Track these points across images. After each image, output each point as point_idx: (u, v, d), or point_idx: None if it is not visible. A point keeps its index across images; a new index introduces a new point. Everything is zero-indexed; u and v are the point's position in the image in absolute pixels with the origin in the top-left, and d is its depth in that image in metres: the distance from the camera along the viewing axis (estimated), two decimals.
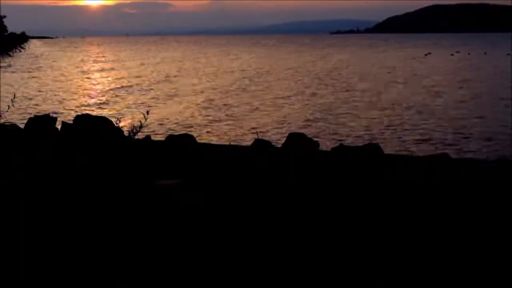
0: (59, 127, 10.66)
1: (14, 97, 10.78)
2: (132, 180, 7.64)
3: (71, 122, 10.57)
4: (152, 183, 7.55)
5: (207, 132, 21.86)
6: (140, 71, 57.41)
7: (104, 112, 26.74)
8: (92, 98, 34.80)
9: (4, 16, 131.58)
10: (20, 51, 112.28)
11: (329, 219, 6.28)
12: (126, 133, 9.94)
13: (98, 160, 8.23)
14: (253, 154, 9.21)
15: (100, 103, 32.00)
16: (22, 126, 10.74)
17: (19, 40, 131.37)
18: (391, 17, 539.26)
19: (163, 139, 10.92)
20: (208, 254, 5.39)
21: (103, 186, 7.31)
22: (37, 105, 30.61)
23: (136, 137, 9.69)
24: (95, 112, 26.08)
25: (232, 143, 11.86)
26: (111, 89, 39.47)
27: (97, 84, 44.40)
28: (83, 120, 10.30)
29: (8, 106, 10.63)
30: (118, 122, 10.19)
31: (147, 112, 10.06)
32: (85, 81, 46.87)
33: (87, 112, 19.65)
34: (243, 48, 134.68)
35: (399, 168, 8.28)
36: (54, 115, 11.12)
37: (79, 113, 11.18)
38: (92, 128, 9.92)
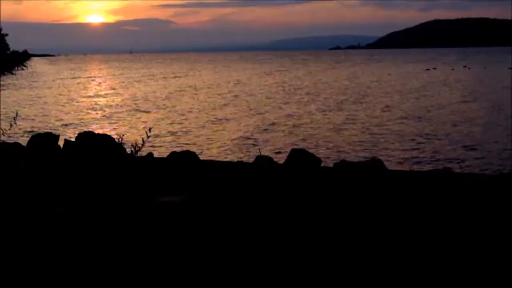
0: (61, 144, 10.67)
1: (17, 115, 10.80)
2: (133, 196, 7.64)
3: (73, 139, 10.58)
4: (153, 199, 7.55)
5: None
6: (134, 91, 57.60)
7: (107, 130, 26.77)
8: (94, 115, 34.88)
9: (6, 34, 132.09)
10: (23, 69, 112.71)
11: (333, 233, 6.27)
12: (128, 150, 9.94)
13: (99, 177, 8.23)
14: (256, 169, 9.21)
15: (103, 121, 32.08)
16: (24, 144, 10.74)
17: (21, 58, 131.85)
18: (392, 32, 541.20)
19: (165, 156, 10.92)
20: (209, 266, 5.38)
21: (105, 203, 7.30)
22: (39, 122, 30.68)
23: (138, 154, 9.69)
24: (98, 129, 26.14)
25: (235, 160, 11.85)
26: (113, 107, 39.60)
27: (99, 101, 44.48)
28: (86, 137, 10.30)
29: (11, 124, 10.64)
30: (120, 139, 10.19)
31: (150, 130, 10.07)
32: (87, 99, 46.98)
33: (90, 129, 19.68)
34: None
35: (401, 183, 8.27)
36: (56, 133, 11.13)
37: (81, 131, 11.19)
38: (94, 146, 9.92)
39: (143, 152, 9.91)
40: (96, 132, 10.82)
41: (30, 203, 7.28)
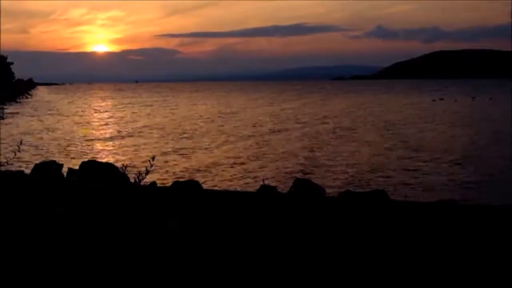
0: (65, 173, 10.68)
1: (21, 144, 10.79)
2: (136, 225, 7.60)
3: (77, 168, 10.60)
4: (155, 227, 7.51)
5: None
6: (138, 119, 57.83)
7: (110, 159, 26.80)
8: (98, 144, 34.94)
9: (12, 63, 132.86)
10: (27, 97, 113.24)
11: (337, 264, 6.21)
12: (132, 179, 9.91)
13: (102, 207, 8.20)
14: (260, 198, 9.17)
15: (106, 150, 32.12)
16: (28, 172, 10.75)
17: (26, 87, 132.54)
18: (396, 63, 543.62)
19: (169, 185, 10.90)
20: None
21: (107, 233, 7.26)
22: (43, 151, 30.72)
23: (142, 183, 9.65)
24: (102, 158, 26.16)
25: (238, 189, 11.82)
26: (116, 136, 39.70)
27: (102, 130, 44.62)
28: (89, 166, 10.31)
29: (15, 152, 10.63)
30: (124, 168, 10.17)
31: (153, 159, 10.04)
32: (91, 128, 47.13)
33: (93, 158, 19.72)
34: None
35: (405, 214, 8.22)
36: (60, 162, 11.14)
37: (85, 160, 11.20)
38: (98, 175, 9.92)
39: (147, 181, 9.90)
40: (99, 160, 10.84)
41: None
